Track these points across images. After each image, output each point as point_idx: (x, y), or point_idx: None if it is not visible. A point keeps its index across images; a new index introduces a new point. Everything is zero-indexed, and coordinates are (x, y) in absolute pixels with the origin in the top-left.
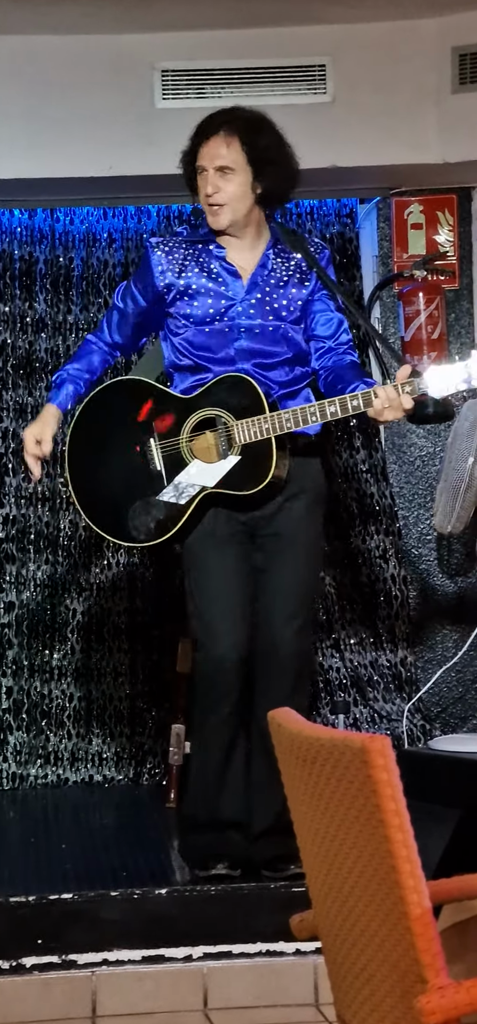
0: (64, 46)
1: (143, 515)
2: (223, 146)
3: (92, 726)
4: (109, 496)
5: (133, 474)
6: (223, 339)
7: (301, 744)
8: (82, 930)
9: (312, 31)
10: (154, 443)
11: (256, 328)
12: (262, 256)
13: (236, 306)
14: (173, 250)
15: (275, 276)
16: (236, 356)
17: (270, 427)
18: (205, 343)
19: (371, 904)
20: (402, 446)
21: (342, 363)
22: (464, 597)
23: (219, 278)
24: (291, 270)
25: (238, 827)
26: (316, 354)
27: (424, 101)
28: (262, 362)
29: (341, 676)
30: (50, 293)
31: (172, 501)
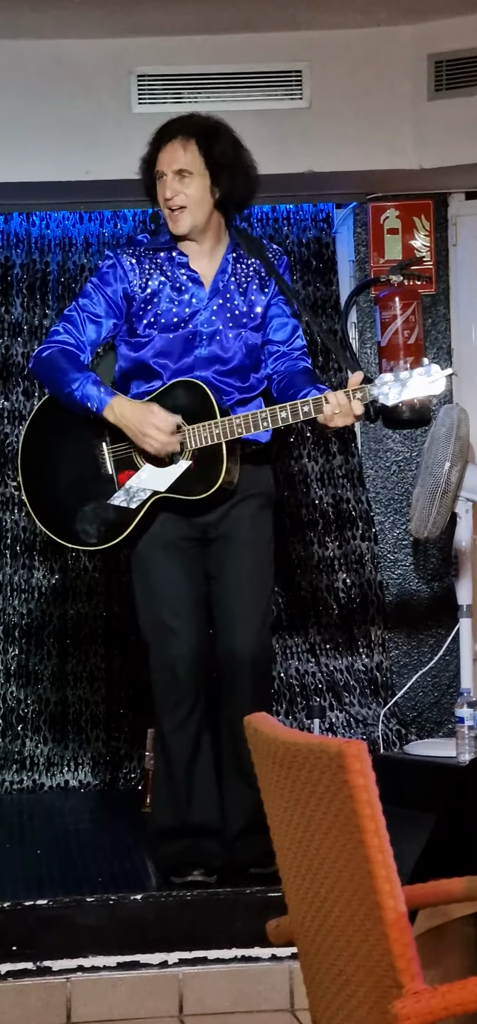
0: (40, 51)
1: (94, 519)
2: (180, 150)
3: (68, 731)
4: (60, 499)
5: (85, 478)
6: (185, 345)
7: (277, 749)
8: (57, 936)
9: (289, 37)
10: (106, 447)
11: (217, 335)
12: (222, 262)
13: (199, 313)
14: (140, 259)
15: (235, 282)
16: (195, 363)
17: (221, 432)
18: (167, 349)
19: (347, 909)
20: (379, 451)
21: (295, 368)
22: (440, 602)
23: (182, 286)
24: (250, 276)
25: (210, 833)
26: (270, 358)
27: (400, 107)
28: (221, 368)
29: (317, 681)
30: (26, 297)
31: (123, 505)
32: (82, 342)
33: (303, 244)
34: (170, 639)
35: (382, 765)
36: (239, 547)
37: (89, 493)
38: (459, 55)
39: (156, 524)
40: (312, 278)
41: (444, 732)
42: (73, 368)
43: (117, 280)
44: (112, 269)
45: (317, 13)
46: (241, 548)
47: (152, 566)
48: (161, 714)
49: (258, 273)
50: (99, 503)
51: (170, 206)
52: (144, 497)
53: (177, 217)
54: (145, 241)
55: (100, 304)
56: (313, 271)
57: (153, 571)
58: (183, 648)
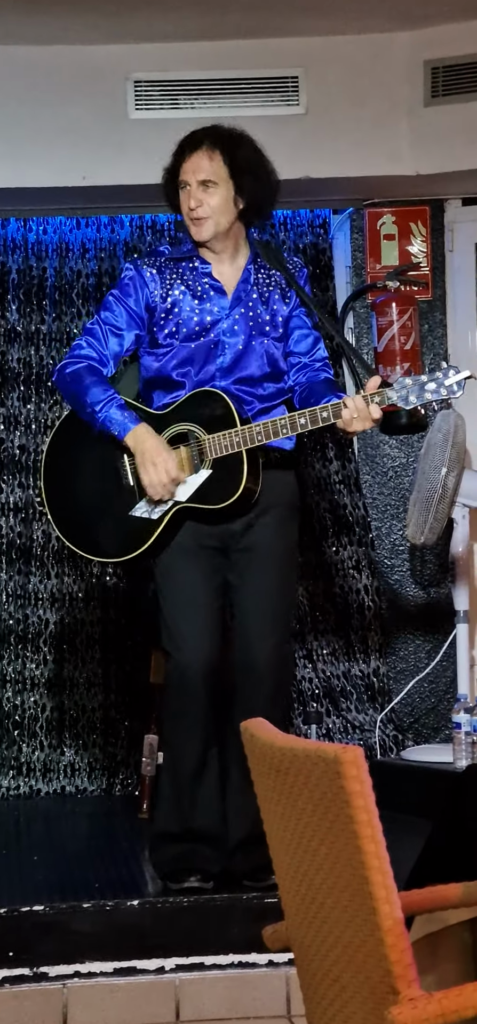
0: (38, 57)
1: (115, 530)
2: (205, 159)
3: (65, 737)
4: (82, 511)
5: (106, 490)
6: (207, 354)
7: (274, 755)
8: (53, 942)
9: (285, 43)
10: (127, 459)
11: (240, 344)
12: (244, 271)
13: (222, 322)
14: (161, 269)
15: (257, 291)
16: (217, 372)
17: (241, 440)
18: (188, 358)
19: (343, 915)
20: (375, 457)
21: (317, 379)
22: (436, 608)
23: (204, 295)
24: (272, 286)
25: (210, 840)
26: (292, 370)
27: (397, 113)
28: (243, 377)
29: (314, 687)
30: (23, 303)
31: (144, 516)
32: (105, 356)
33: (300, 250)
34: (184, 647)
35: (379, 771)
36: (263, 559)
37: (111, 505)
38: (455, 61)
39: (178, 533)
40: (309, 284)
41: (441, 738)
42: (99, 388)
43: (138, 291)
44: (133, 280)
45: (314, 20)
46: (265, 560)
47: (171, 574)
48: (171, 720)
49: (279, 283)
50: (121, 515)
51: (193, 216)
52: (166, 508)
53: (200, 225)
54: (166, 252)
55: (122, 316)
56: (310, 277)
57: (172, 579)
58: (199, 658)
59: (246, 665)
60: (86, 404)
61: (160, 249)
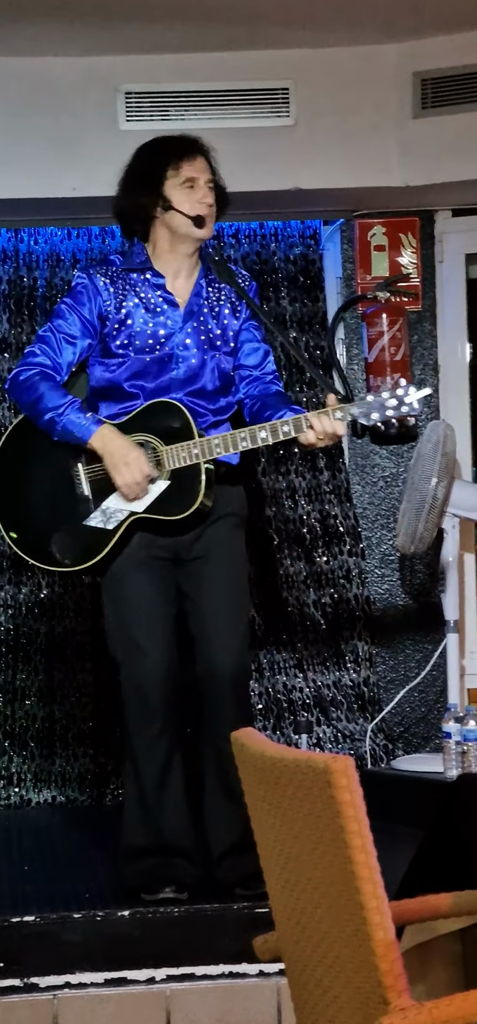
0: (28, 67)
1: (70, 540)
2: (206, 163)
3: (55, 747)
4: (35, 520)
5: (60, 499)
6: (160, 368)
7: (264, 765)
8: (44, 953)
9: (275, 55)
10: (82, 467)
11: (192, 357)
12: (196, 285)
13: (175, 335)
14: (114, 279)
15: (209, 305)
16: (171, 385)
17: (199, 452)
18: (141, 370)
19: (334, 925)
20: (365, 467)
21: (268, 392)
22: (426, 617)
23: (158, 308)
24: (222, 300)
25: (181, 851)
26: (242, 383)
27: (386, 125)
28: (196, 390)
29: (304, 696)
30: (13, 313)
31: (99, 526)
32: (58, 363)
33: (290, 261)
34: (141, 658)
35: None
36: (217, 567)
37: (65, 515)
38: (444, 73)
39: (128, 544)
40: (299, 295)
41: (431, 747)
42: (55, 393)
43: (91, 300)
44: (85, 289)
45: (303, 32)
46: (219, 568)
47: (124, 585)
48: (131, 733)
49: (229, 298)
50: (75, 524)
51: (206, 213)
52: (121, 518)
53: (209, 223)
54: (118, 261)
55: (75, 324)
56: (300, 287)
57: (125, 590)
58: (153, 667)
59: (211, 673)
60: (44, 410)
61: (111, 258)
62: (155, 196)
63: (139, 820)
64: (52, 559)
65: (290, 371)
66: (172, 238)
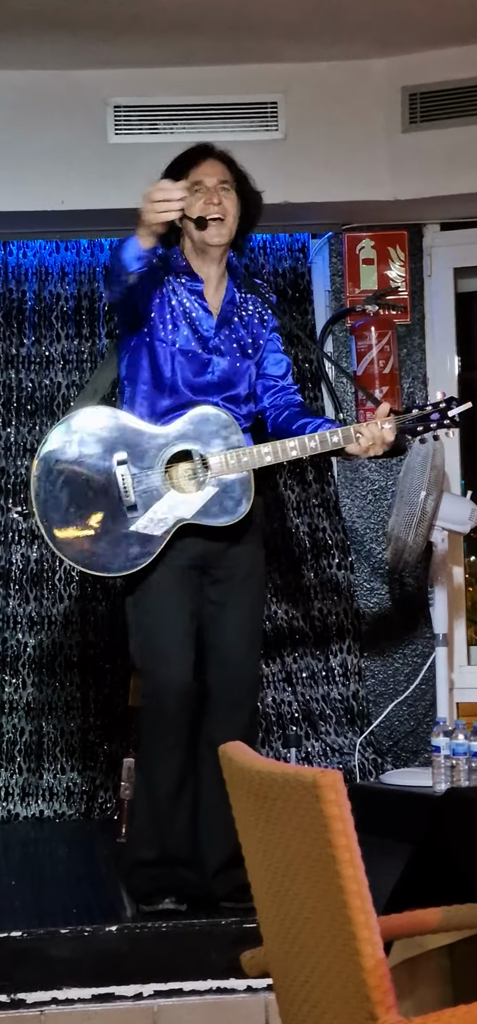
0: (17, 81)
1: (116, 546)
2: (221, 165)
3: (43, 761)
4: (79, 526)
5: (105, 504)
6: (197, 371)
7: (253, 778)
8: (31, 968)
9: (264, 69)
10: (127, 472)
11: (226, 364)
12: (226, 292)
13: (210, 341)
14: (167, 263)
15: (239, 313)
16: (207, 388)
17: (248, 460)
18: (180, 371)
19: (322, 940)
20: (354, 480)
21: (293, 402)
22: (416, 631)
23: (194, 313)
24: (251, 310)
25: (187, 863)
26: (266, 393)
27: (375, 139)
28: (229, 395)
29: (293, 710)
30: (2, 326)
31: (147, 532)
32: None
33: (279, 274)
34: (165, 666)
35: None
36: (244, 581)
37: (111, 520)
38: (433, 88)
39: (164, 551)
40: (288, 308)
41: (420, 761)
42: None
43: (156, 277)
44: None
45: (293, 46)
46: (245, 583)
47: (152, 592)
48: (146, 741)
49: (256, 307)
50: (123, 530)
51: (215, 214)
52: (170, 524)
53: (221, 226)
54: (173, 253)
55: None
56: (289, 300)
57: (153, 597)
58: (176, 677)
59: (227, 685)
60: (116, 252)
61: (161, 252)
62: None
63: (147, 830)
64: (99, 565)
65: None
66: (194, 247)
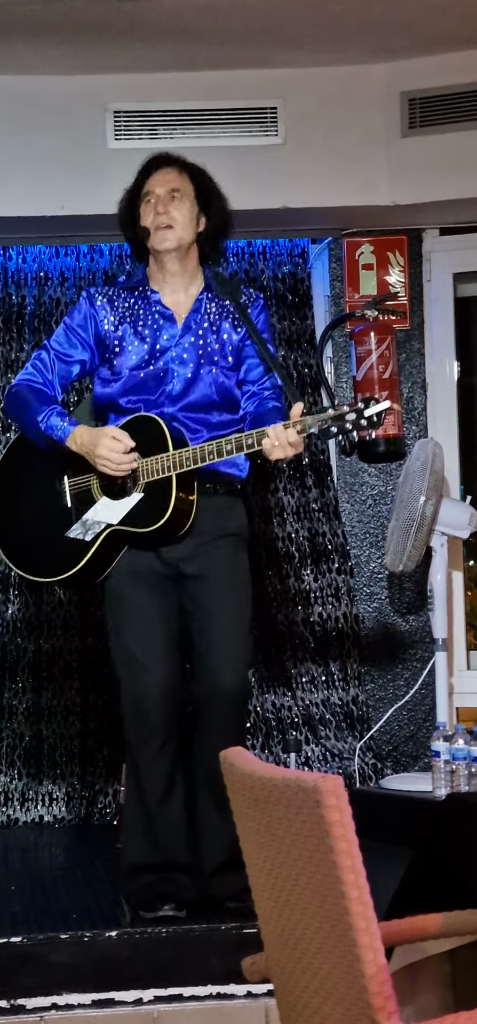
0: (16, 86)
1: (53, 551)
2: (174, 173)
3: (42, 766)
4: (24, 532)
5: (48, 511)
6: (155, 382)
7: (254, 784)
8: (31, 974)
9: (264, 74)
10: (67, 481)
11: (188, 372)
12: (195, 301)
13: (170, 350)
14: (112, 299)
15: (208, 320)
16: (165, 400)
17: (171, 464)
18: (137, 386)
19: (323, 946)
20: (354, 485)
21: (264, 407)
22: (415, 636)
23: (154, 324)
24: (223, 315)
25: (182, 867)
26: (244, 398)
27: (374, 144)
28: (191, 404)
29: (293, 715)
30: (2, 331)
31: (79, 538)
32: (49, 380)
33: (278, 279)
34: (141, 674)
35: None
36: (219, 585)
37: (50, 526)
38: (432, 93)
39: (126, 559)
40: (288, 313)
41: (420, 766)
42: (39, 402)
43: (88, 319)
44: (83, 308)
45: (292, 51)
46: (221, 586)
47: (123, 600)
48: (133, 749)
49: (231, 312)
50: (58, 536)
51: (159, 223)
52: (98, 529)
53: (165, 234)
54: (120, 281)
55: (71, 343)
56: (288, 306)
57: (124, 605)
58: (153, 683)
59: (211, 692)
60: (29, 420)
61: (117, 280)
62: (131, 220)
63: (139, 836)
64: (37, 570)
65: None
66: (155, 256)
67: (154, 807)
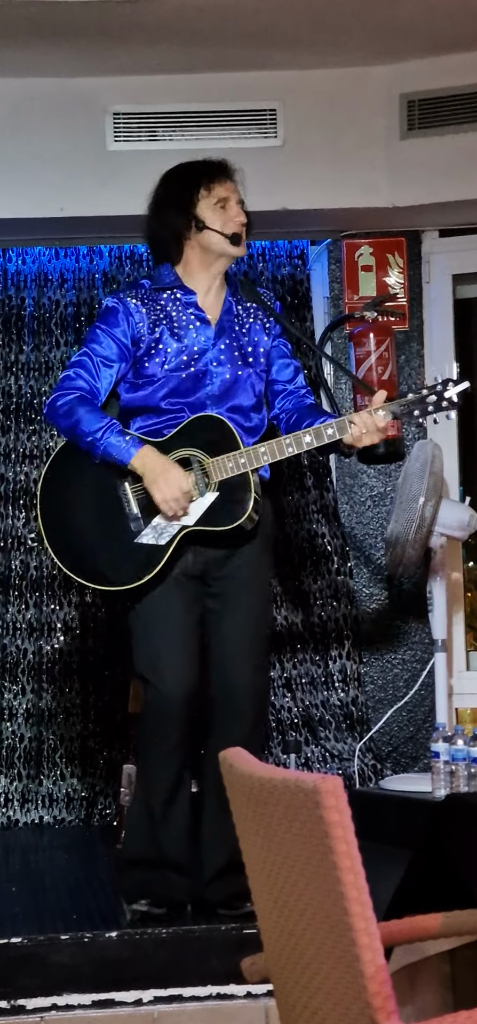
0: (16, 88)
1: (121, 558)
2: (233, 183)
3: (43, 767)
4: (84, 542)
5: (109, 518)
6: (195, 384)
7: (253, 785)
8: (31, 974)
9: (263, 76)
10: (129, 487)
11: (226, 373)
12: (225, 302)
13: (208, 352)
14: (145, 301)
15: (239, 322)
16: (207, 400)
17: (246, 461)
18: (177, 388)
19: (323, 947)
20: (353, 486)
21: (303, 404)
22: (414, 637)
23: (189, 324)
24: (252, 318)
25: (178, 867)
26: (277, 398)
27: (373, 146)
28: (232, 406)
29: (293, 715)
30: (1, 333)
31: (152, 543)
32: (96, 387)
33: (278, 281)
34: (167, 674)
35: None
36: (244, 587)
37: (115, 534)
38: (431, 95)
39: (170, 560)
40: (287, 314)
41: (419, 767)
42: (92, 416)
43: (124, 322)
44: (119, 312)
45: (291, 53)
46: (246, 588)
47: (154, 600)
48: (148, 746)
49: (258, 316)
50: (126, 543)
51: (240, 230)
52: (173, 532)
53: (243, 241)
54: (147, 284)
55: (111, 348)
56: (288, 307)
57: (154, 605)
58: (178, 684)
59: (226, 693)
60: (84, 434)
61: (142, 282)
62: (187, 217)
63: (141, 834)
64: (104, 579)
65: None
66: (204, 257)
67: (159, 808)
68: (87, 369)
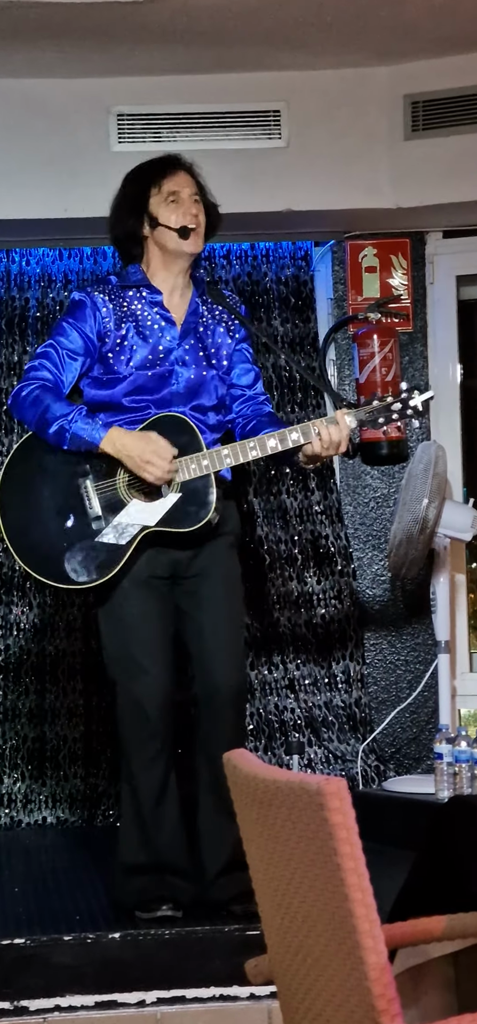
0: (20, 89)
1: (83, 557)
2: (188, 177)
3: (46, 768)
4: (46, 540)
5: (69, 517)
6: (160, 383)
7: (257, 787)
8: (34, 975)
9: (267, 77)
10: (90, 484)
11: (191, 373)
12: (191, 303)
13: (173, 352)
14: (112, 297)
15: (204, 323)
16: (172, 399)
17: (209, 463)
18: (142, 386)
19: (326, 949)
20: (357, 487)
21: (261, 412)
22: (418, 638)
23: (155, 324)
24: (217, 319)
25: (177, 870)
26: (235, 402)
27: (377, 147)
28: (195, 405)
29: (296, 717)
30: (5, 334)
31: (112, 542)
32: (61, 379)
33: (282, 282)
34: (141, 677)
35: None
36: (214, 586)
37: (76, 532)
38: (435, 96)
39: (133, 562)
40: (291, 315)
41: (423, 768)
42: (60, 403)
43: (91, 317)
44: (86, 306)
45: (295, 54)
46: (217, 587)
47: (123, 602)
48: (130, 752)
49: (222, 318)
50: (88, 541)
51: (193, 224)
52: (134, 532)
53: (196, 236)
54: (114, 281)
55: (76, 341)
56: (292, 308)
57: (124, 607)
58: (153, 687)
59: (209, 692)
60: (51, 420)
61: (109, 278)
62: (141, 216)
63: (135, 838)
64: (65, 578)
65: (281, 391)
66: (163, 256)
67: (149, 810)
68: (52, 360)
